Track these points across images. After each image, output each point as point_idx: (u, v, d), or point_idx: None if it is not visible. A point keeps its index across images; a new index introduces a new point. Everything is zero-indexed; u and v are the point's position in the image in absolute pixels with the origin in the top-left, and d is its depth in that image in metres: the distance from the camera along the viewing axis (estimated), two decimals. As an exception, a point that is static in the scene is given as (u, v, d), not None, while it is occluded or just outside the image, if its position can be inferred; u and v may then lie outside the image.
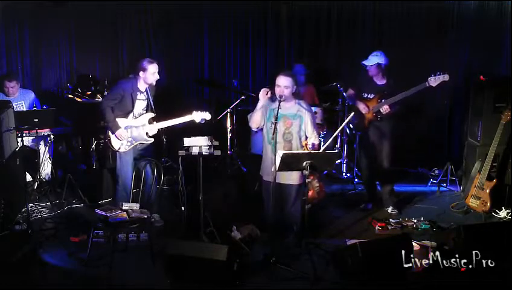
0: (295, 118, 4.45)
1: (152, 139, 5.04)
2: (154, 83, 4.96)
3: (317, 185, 4.59)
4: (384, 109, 5.12)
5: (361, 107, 5.31)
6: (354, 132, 5.51)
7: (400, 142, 5.56)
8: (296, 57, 7.39)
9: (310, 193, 4.50)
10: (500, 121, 5.20)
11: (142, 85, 4.91)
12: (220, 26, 7.45)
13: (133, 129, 4.93)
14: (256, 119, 4.50)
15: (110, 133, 4.90)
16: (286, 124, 4.43)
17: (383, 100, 5.18)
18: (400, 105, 5.17)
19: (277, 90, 4.38)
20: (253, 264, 4.19)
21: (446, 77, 4.91)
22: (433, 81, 4.93)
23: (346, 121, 5.06)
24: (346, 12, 7.32)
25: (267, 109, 4.48)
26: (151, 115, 5.02)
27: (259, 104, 4.44)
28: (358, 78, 5.50)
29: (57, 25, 7.09)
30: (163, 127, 5.03)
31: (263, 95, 4.40)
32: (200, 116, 4.95)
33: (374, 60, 5.20)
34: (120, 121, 4.88)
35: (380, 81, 5.30)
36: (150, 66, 4.82)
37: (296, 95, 4.52)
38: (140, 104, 4.96)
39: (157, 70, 4.89)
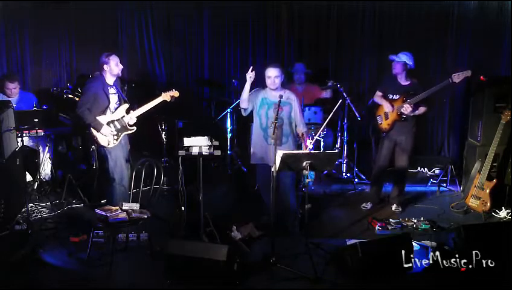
0: (285, 104, 4.69)
1: (134, 128, 5.15)
2: (120, 74, 5.07)
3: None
4: (406, 108, 5.15)
5: (386, 106, 5.35)
6: (378, 130, 5.50)
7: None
8: (296, 56, 7.37)
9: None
10: (500, 121, 5.20)
11: (109, 79, 5.02)
12: (220, 26, 7.45)
13: (115, 123, 5.02)
14: (244, 98, 4.73)
15: (95, 132, 4.93)
16: (276, 110, 4.53)
17: (408, 100, 5.21)
18: (425, 106, 5.25)
19: (268, 81, 4.71)
20: (253, 264, 4.20)
21: (469, 73, 5.00)
22: (457, 77, 5.00)
23: (336, 106, 5.04)
24: (346, 13, 7.31)
25: (257, 97, 4.76)
26: (126, 105, 5.12)
27: (247, 84, 4.67)
28: (384, 79, 5.58)
29: (57, 25, 7.08)
30: (140, 113, 5.13)
31: (248, 75, 4.66)
32: (169, 94, 5.21)
33: (403, 57, 5.26)
34: (100, 118, 4.94)
35: (405, 82, 5.35)
36: (110, 58, 4.95)
37: (284, 84, 4.84)
38: (113, 98, 5.05)
39: (119, 60, 5.01)
